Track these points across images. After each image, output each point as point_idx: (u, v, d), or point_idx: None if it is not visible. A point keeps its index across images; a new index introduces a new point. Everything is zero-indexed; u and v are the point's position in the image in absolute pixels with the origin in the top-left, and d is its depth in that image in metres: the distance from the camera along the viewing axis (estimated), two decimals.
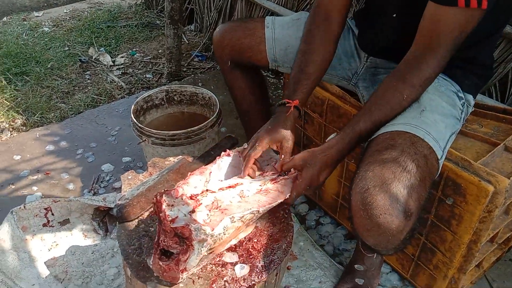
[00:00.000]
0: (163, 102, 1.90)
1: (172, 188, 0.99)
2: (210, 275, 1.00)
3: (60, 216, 1.69)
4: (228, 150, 1.15)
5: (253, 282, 1.00)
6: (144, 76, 2.79)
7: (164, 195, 0.96)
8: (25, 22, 3.44)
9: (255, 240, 1.09)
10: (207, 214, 0.96)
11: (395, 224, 0.90)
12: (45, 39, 3.14)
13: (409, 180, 0.92)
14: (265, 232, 1.11)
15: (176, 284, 0.97)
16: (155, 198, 0.97)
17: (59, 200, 1.68)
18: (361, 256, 1.39)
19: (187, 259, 0.92)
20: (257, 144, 1.10)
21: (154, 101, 1.87)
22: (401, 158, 0.94)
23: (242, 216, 0.97)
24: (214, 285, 0.98)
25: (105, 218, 1.71)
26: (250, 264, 1.03)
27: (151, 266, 0.98)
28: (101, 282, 1.48)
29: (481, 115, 1.37)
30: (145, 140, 1.64)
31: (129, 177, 1.26)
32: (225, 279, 1.00)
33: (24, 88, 2.59)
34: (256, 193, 1.04)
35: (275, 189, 1.05)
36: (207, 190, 1.03)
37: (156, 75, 2.81)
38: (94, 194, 1.84)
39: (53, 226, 1.67)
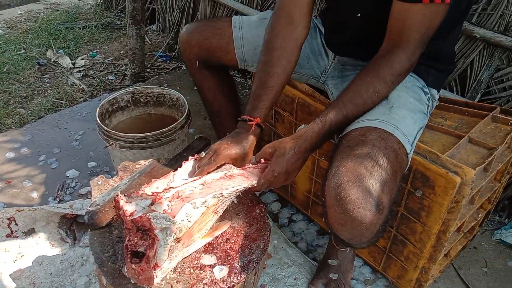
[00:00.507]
0: (129, 104, 1.85)
1: (132, 191, 0.98)
2: (189, 278, 0.99)
3: (25, 226, 1.63)
4: (196, 155, 1.14)
5: (232, 283, 0.99)
6: (107, 78, 2.71)
7: (121, 194, 0.94)
8: None
9: (233, 241, 1.08)
10: (168, 205, 0.95)
11: (368, 218, 0.92)
12: None
13: (381, 175, 0.94)
14: (242, 232, 1.11)
15: (153, 285, 0.95)
16: (113, 200, 0.95)
17: (22, 209, 1.62)
18: (334, 251, 1.42)
19: (155, 253, 0.91)
20: (213, 158, 1.10)
21: (119, 103, 1.82)
22: (372, 153, 0.96)
23: (205, 201, 0.96)
24: None
25: (73, 226, 1.65)
26: (228, 265, 1.02)
27: (126, 274, 0.96)
28: None
29: (444, 109, 1.43)
30: (112, 143, 1.60)
31: (99, 183, 1.22)
32: (204, 281, 0.99)
33: None
34: (220, 179, 1.04)
35: (241, 174, 1.05)
36: (170, 187, 1.02)
37: (119, 77, 2.74)
38: (60, 201, 1.77)
39: (17, 237, 1.60)
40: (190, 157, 1.14)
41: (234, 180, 1.03)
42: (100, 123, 1.63)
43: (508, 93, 1.62)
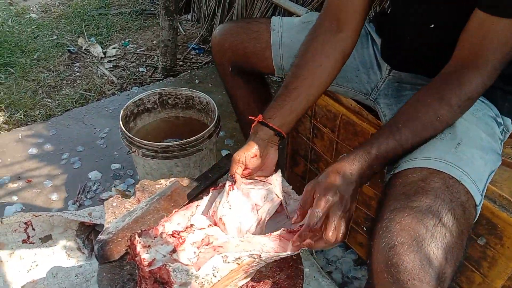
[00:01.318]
0: (155, 106, 1.72)
1: (150, 227, 0.84)
2: None
3: (42, 232, 1.54)
4: (220, 185, 1.00)
5: None
6: (137, 70, 2.60)
7: (138, 236, 0.80)
8: (11, 7, 3.22)
9: None
10: (195, 252, 0.81)
11: None
12: (32, 27, 2.94)
13: (445, 237, 0.76)
14: (270, 279, 0.95)
15: None
16: (129, 241, 0.81)
17: (40, 215, 1.52)
18: None
19: None
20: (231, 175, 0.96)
21: (146, 105, 1.69)
22: (434, 207, 0.78)
23: (239, 258, 0.81)
24: None
25: (91, 235, 1.56)
26: None
27: None
28: None
29: None
30: (135, 151, 1.47)
31: (114, 204, 1.10)
32: None
33: (7, 81, 2.41)
34: (264, 236, 0.88)
35: (289, 239, 0.89)
36: (191, 225, 0.87)
37: (150, 69, 2.63)
38: (80, 206, 1.68)
39: (33, 243, 1.52)
40: (220, 185, 1.00)
41: (278, 244, 0.87)
42: (123, 127, 1.50)
43: None
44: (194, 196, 1.11)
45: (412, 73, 1.10)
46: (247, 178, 1.00)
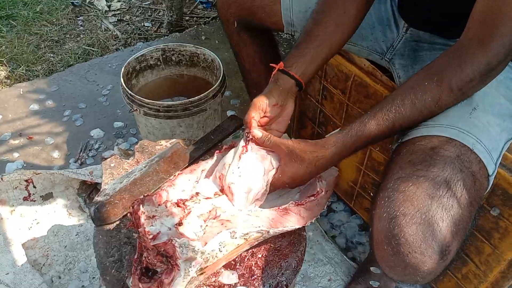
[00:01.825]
0: (159, 63, 1.65)
1: (153, 193, 0.80)
2: None
3: (43, 190, 1.52)
4: (232, 142, 0.95)
5: None
6: (142, 24, 2.51)
7: (142, 205, 0.76)
8: None
9: (259, 256, 0.90)
10: (201, 226, 0.77)
11: (427, 266, 0.70)
12: None
13: (452, 209, 0.71)
14: (271, 246, 0.92)
15: None
16: (131, 208, 0.77)
17: (40, 173, 1.50)
18: None
19: (171, 281, 0.74)
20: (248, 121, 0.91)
21: (148, 61, 1.62)
22: (442, 177, 0.72)
23: (247, 233, 0.78)
24: None
25: (92, 194, 1.53)
26: (252, 287, 0.85)
27: (130, 287, 0.80)
28: (85, 269, 1.33)
29: None
30: (136, 109, 1.42)
31: (112, 165, 1.06)
32: None
33: (9, 34, 2.33)
34: (272, 210, 0.83)
35: (297, 213, 0.84)
36: (197, 193, 0.83)
37: (156, 24, 2.53)
38: (81, 164, 1.65)
39: (34, 201, 1.50)
40: (224, 146, 0.95)
41: (287, 218, 0.83)
42: (125, 84, 1.44)
43: None
44: (195, 158, 1.06)
45: (431, 32, 1.01)
46: (262, 126, 0.94)
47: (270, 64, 0.98)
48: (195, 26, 2.41)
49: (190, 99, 1.38)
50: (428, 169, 0.72)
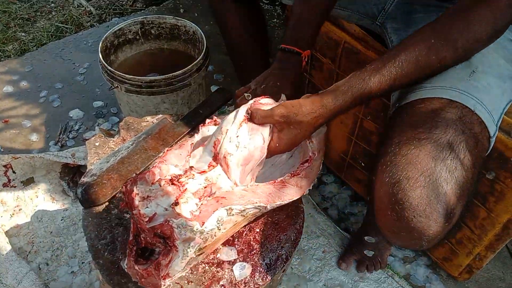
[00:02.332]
0: (138, 37, 1.58)
1: (145, 171, 0.75)
2: (203, 278, 0.80)
3: (23, 175, 1.46)
4: (214, 117, 0.90)
5: (256, 286, 0.80)
6: None
7: (135, 185, 0.72)
8: None
9: (257, 230, 0.88)
10: (196, 204, 0.73)
11: (432, 229, 0.68)
12: None
13: (455, 171, 0.69)
14: (269, 220, 0.89)
15: None
16: (124, 188, 0.73)
17: (19, 157, 1.43)
18: (373, 227, 1.21)
19: (169, 262, 0.71)
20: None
21: (127, 36, 1.55)
22: (445, 139, 0.70)
23: (244, 210, 0.75)
24: None
25: (76, 177, 1.48)
26: (252, 262, 0.83)
27: (126, 269, 0.77)
28: (73, 255, 1.29)
29: None
30: (117, 86, 1.36)
31: (97, 144, 1.01)
32: (221, 283, 0.80)
33: None
34: (269, 184, 0.80)
35: (294, 184, 0.81)
36: (191, 167, 0.79)
37: None
38: (62, 146, 1.58)
39: (15, 186, 1.44)
40: (207, 120, 0.90)
41: (285, 191, 0.79)
42: (103, 60, 1.37)
43: None
44: (184, 134, 1.02)
45: None
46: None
47: (295, 51, 0.94)
48: None
49: (173, 74, 1.33)
50: (430, 131, 0.70)
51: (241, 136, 0.78)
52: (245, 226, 0.87)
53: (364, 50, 1.10)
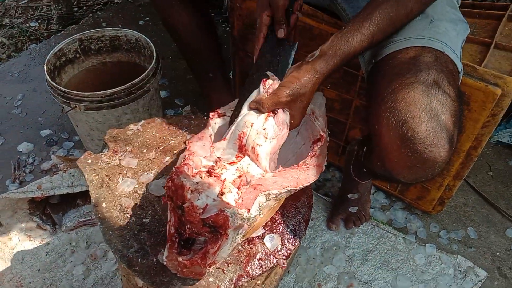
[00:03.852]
0: (78, 55, 1.53)
1: (181, 164, 0.77)
2: (240, 257, 0.84)
3: None
4: (217, 110, 0.93)
5: (289, 251, 0.86)
6: (28, 25, 2.27)
7: (183, 178, 0.73)
8: None
9: None
10: (238, 193, 0.77)
11: (442, 155, 0.79)
12: None
13: (447, 102, 0.80)
14: None
15: (202, 279, 0.80)
16: (171, 183, 0.74)
17: None
18: (354, 185, 1.32)
19: (217, 250, 0.74)
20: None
21: (67, 55, 1.49)
22: (431, 78, 0.81)
23: (279, 194, 0.79)
24: (248, 267, 0.83)
25: (47, 210, 1.41)
26: (279, 232, 0.88)
27: (164, 262, 0.78)
28: (70, 286, 1.23)
29: None
30: (76, 106, 1.32)
31: (89, 161, 0.98)
32: (258, 257, 0.84)
33: None
34: (294, 168, 0.85)
35: (314, 164, 0.87)
36: (219, 158, 0.82)
37: (43, 22, 2.30)
38: (21, 183, 1.49)
39: None
40: (211, 114, 0.93)
41: (309, 172, 0.84)
42: (53, 83, 1.32)
43: None
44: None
45: None
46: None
47: None
48: (91, 15, 2.25)
49: (132, 82, 1.32)
50: (417, 75, 0.81)
51: (268, 128, 0.82)
52: None
53: (317, 24, 1.19)
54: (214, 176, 0.74)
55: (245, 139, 0.81)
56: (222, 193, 0.72)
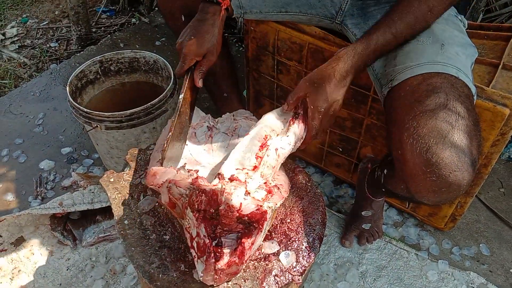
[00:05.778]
0: (98, 76, 1.59)
1: (195, 177, 0.82)
2: (256, 273, 0.87)
3: (10, 236, 1.41)
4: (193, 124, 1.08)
5: (304, 268, 0.89)
6: (48, 45, 2.36)
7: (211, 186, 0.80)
8: None
9: (289, 220, 0.96)
10: (260, 185, 0.87)
11: (466, 179, 0.82)
12: None
13: (467, 127, 0.84)
14: (295, 209, 0.99)
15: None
16: (203, 196, 0.79)
17: (4, 219, 1.39)
18: (368, 202, 1.34)
19: (252, 244, 0.80)
20: (183, 63, 1.04)
21: (88, 77, 1.56)
22: (450, 105, 0.85)
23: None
24: (264, 283, 0.86)
25: (68, 226, 1.45)
26: (294, 249, 0.91)
27: (200, 278, 0.81)
28: None
29: None
30: (97, 126, 1.37)
31: (111, 180, 1.03)
32: (273, 273, 0.87)
33: None
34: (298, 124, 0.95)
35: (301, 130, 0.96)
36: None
37: (63, 42, 2.39)
38: (43, 199, 1.55)
39: (5, 250, 1.39)
40: (190, 129, 1.06)
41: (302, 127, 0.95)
42: (77, 104, 1.38)
43: (510, 8, 1.55)
44: None
45: None
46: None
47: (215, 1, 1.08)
48: (109, 36, 2.33)
49: (151, 102, 1.37)
50: (436, 102, 0.84)
51: (290, 134, 0.92)
52: (276, 218, 0.96)
53: (329, 47, 1.24)
54: (236, 180, 0.82)
55: (269, 141, 0.90)
56: (248, 192, 0.79)
